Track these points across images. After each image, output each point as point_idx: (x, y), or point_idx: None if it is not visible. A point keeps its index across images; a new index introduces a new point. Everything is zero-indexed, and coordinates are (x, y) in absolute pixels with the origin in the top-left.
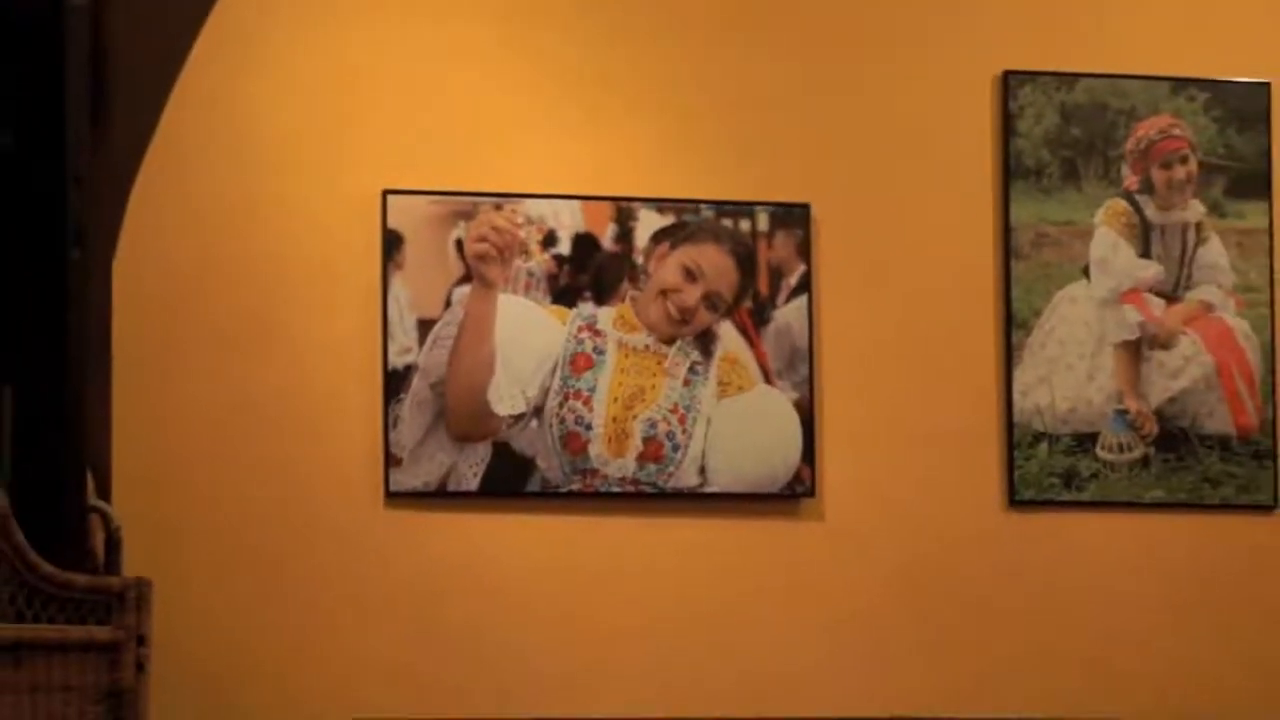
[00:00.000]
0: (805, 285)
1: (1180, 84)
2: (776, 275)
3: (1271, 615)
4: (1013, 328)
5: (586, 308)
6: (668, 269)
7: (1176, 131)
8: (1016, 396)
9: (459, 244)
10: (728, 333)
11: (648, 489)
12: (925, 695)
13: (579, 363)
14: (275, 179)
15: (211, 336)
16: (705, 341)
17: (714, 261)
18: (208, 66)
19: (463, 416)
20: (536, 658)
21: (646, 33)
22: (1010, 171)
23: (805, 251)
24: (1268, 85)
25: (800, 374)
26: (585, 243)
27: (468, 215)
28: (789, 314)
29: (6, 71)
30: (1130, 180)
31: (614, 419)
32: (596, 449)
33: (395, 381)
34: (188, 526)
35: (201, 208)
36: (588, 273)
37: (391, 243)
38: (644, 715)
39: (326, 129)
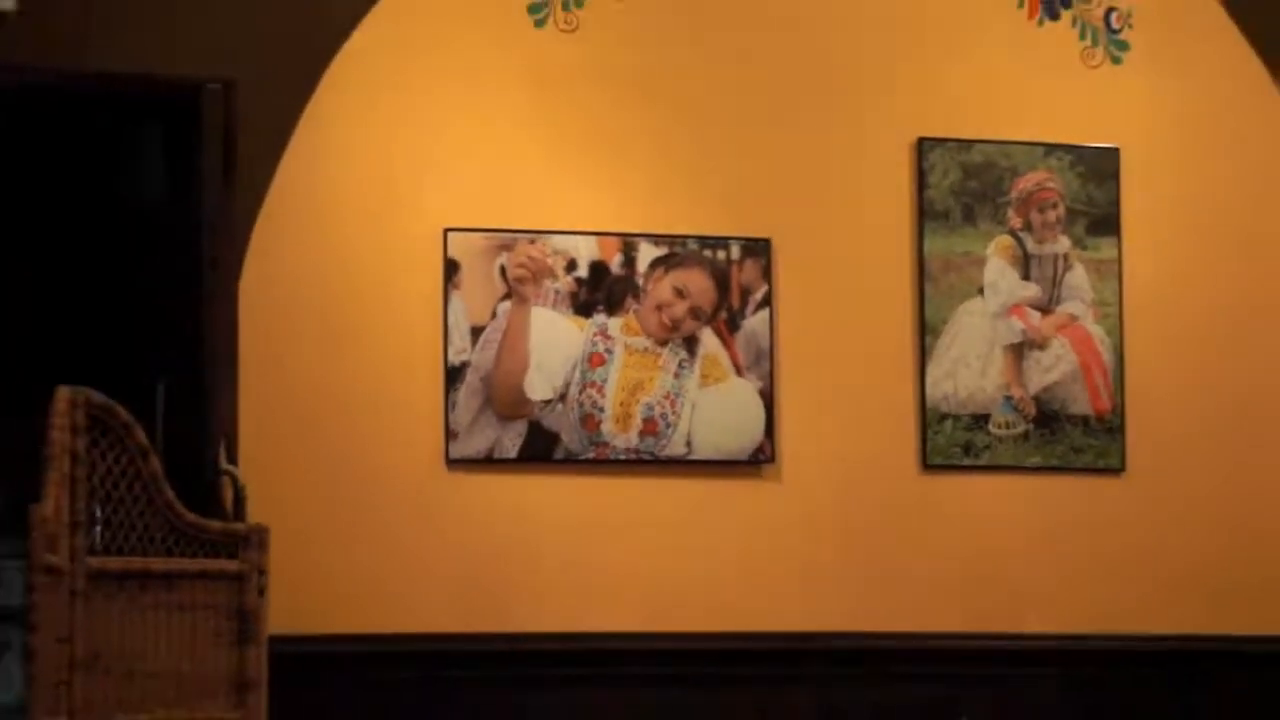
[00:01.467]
0: (767, 301)
1: (1051, 148)
2: (745, 293)
3: (1120, 549)
4: (925, 334)
5: (600, 318)
6: (662, 288)
7: (1049, 184)
8: (929, 386)
9: (502, 269)
10: (708, 337)
11: (646, 457)
12: (858, 614)
13: (594, 360)
14: (363, 221)
15: (314, 340)
16: (691, 344)
17: (697, 282)
18: (311, 135)
19: (505, 401)
20: (560, 585)
21: (647, 108)
22: (923, 214)
23: (768, 275)
24: (1117, 149)
25: (764, 369)
26: (599, 268)
27: (509, 247)
28: (755, 323)
29: (158, 141)
30: (1014, 221)
31: (621, 403)
32: (607, 426)
33: (453, 375)
34: (297, 485)
35: (307, 242)
36: (601, 291)
37: (451, 268)
38: (640, 629)
39: (402, 182)
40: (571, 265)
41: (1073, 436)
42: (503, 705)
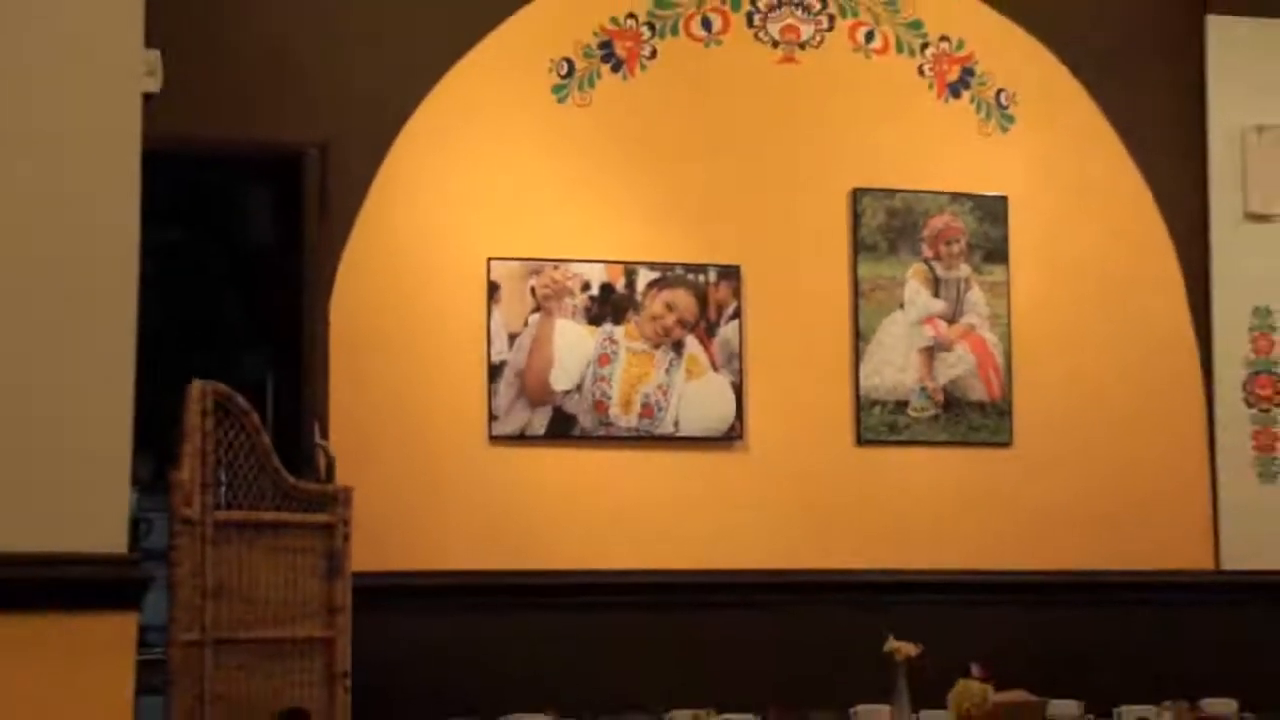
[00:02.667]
0: (737, 314)
1: (955, 196)
2: (720, 308)
3: (1009, 504)
4: (859, 339)
5: (608, 327)
6: (656, 304)
7: (954, 224)
8: (862, 379)
9: (533, 289)
10: (691, 342)
11: (644, 434)
12: (807, 555)
13: (603, 360)
14: (424, 252)
15: (387, 344)
16: (678, 347)
17: (683, 299)
18: (386, 186)
19: (534, 391)
20: (577, 533)
21: (643, 165)
22: (857, 246)
23: (737, 293)
24: (1005, 197)
25: (734, 366)
26: (607, 289)
27: (538, 272)
28: (728, 331)
29: (266, 195)
30: (927, 252)
31: (624, 393)
32: (614, 411)
33: (494, 371)
34: (373, 456)
35: (382, 268)
36: (608, 306)
37: (492, 288)
38: (638, 566)
39: (455, 222)
40: (586, 286)
41: (972, 418)
42: (531, 625)
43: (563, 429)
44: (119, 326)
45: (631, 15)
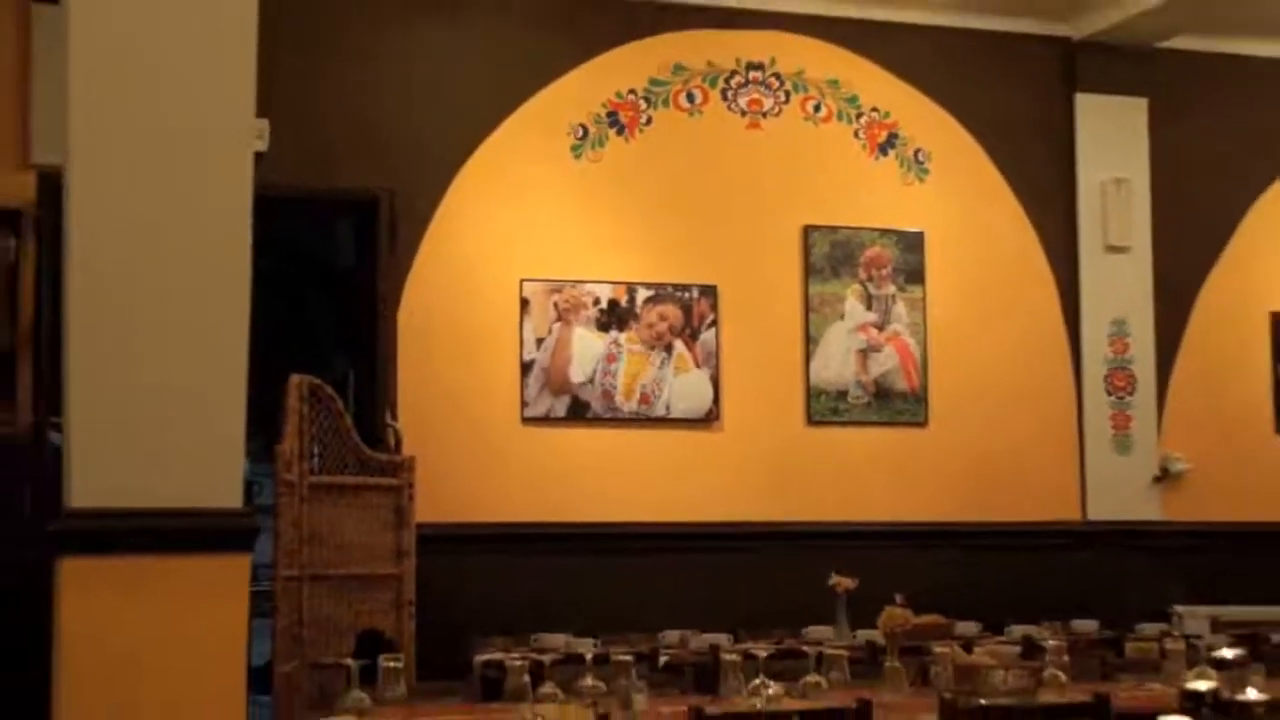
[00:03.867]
0: (714, 323)
1: (884, 231)
2: (701, 318)
3: (925, 471)
4: (809, 342)
5: (613, 333)
6: (651, 315)
7: (883, 253)
8: (811, 374)
9: (555, 304)
10: (679, 345)
11: (642, 417)
12: (769, 510)
13: (610, 359)
14: (471, 273)
15: (442, 347)
16: (669, 349)
17: (673, 312)
18: (442, 222)
19: (556, 383)
20: (590, 493)
21: (643, 206)
22: (808, 270)
23: (715, 307)
24: (923, 232)
25: (713, 364)
26: (613, 303)
27: (559, 290)
28: (708, 336)
29: (346, 230)
30: (862, 275)
31: (626, 384)
32: (619, 398)
33: (525, 367)
34: (432, 433)
35: (438, 287)
36: (614, 317)
37: (524, 303)
38: (637, 519)
39: (494, 250)
40: (596, 301)
41: (896, 404)
42: (553, 564)
43: (579, 413)
44: (235, 335)
45: (632, 91)
